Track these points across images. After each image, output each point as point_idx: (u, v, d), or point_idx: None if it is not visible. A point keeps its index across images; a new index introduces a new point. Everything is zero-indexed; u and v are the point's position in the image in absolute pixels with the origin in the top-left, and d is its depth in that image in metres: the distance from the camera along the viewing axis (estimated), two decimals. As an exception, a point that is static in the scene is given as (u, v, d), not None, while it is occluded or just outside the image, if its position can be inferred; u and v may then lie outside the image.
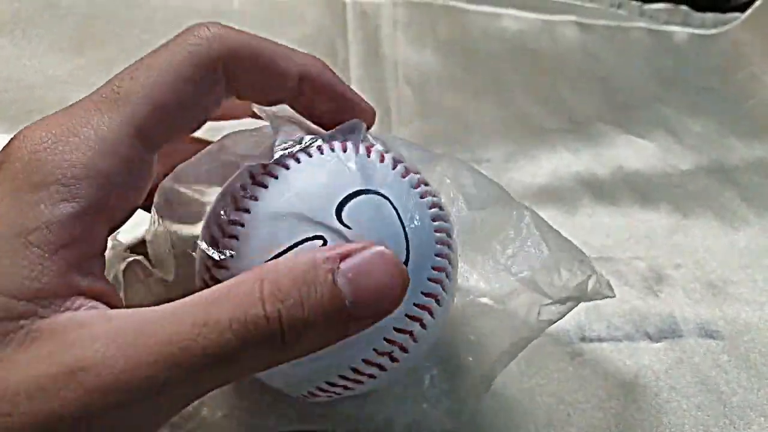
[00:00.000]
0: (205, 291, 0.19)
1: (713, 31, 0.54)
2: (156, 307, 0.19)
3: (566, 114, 0.46)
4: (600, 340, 0.35)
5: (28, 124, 0.20)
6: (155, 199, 0.24)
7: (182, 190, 0.24)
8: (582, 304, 0.35)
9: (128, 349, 0.18)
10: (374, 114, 0.27)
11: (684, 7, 0.55)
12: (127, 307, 0.20)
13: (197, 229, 0.25)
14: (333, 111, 0.26)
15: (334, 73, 0.26)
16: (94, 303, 0.19)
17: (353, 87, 0.45)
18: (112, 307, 0.20)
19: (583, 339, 0.35)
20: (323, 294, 0.19)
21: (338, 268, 0.19)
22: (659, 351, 0.35)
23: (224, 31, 0.23)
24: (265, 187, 0.22)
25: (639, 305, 0.36)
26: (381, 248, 0.20)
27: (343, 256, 0.20)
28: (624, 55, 0.51)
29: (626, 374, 0.33)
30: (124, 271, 0.26)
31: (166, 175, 0.24)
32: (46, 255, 0.19)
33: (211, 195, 0.25)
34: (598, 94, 0.48)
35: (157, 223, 0.24)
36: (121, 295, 0.25)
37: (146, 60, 0.22)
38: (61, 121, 0.20)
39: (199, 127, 0.24)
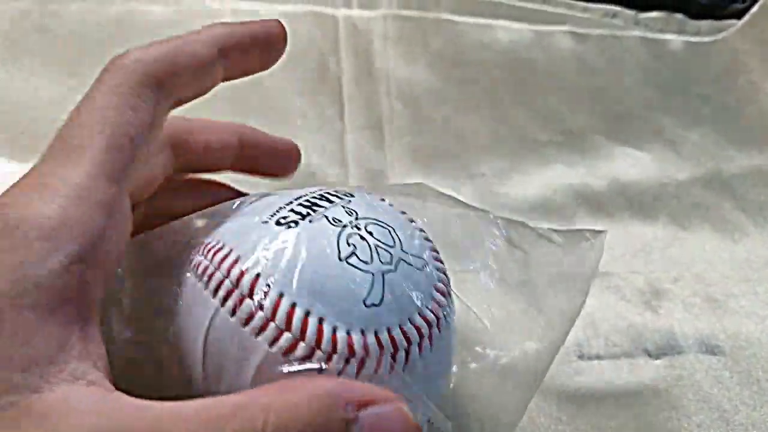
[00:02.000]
0: (209, 404, 0.18)
1: (709, 38, 0.54)
2: (152, 410, 0.18)
3: (560, 126, 0.46)
4: (599, 357, 0.34)
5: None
6: None
7: None
8: (579, 322, 0.35)
9: None
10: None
11: (679, 15, 0.55)
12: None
13: None
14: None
15: (244, 25, 0.26)
16: (92, 374, 0.18)
17: (345, 103, 0.46)
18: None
19: (581, 356, 0.34)
20: None
21: (356, 417, 0.18)
22: (659, 368, 0.34)
23: (140, 52, 0.23)
24: None
25: (637, 321, 0.35)
26: (402, 405, 0.19)
27: (364, 404, 0.18)
28: (619, 65, 0.51)
29: (625, 393, 0.33)
30: None
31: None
32: (40, 318, 0.18)
33: None
34: (592, 105, 0.48)
35: None
36: None
37: (84, 103, 0.22)
38: (28, 180, 0.20)
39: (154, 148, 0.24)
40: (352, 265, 0.21)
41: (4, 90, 0.44)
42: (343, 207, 0.23)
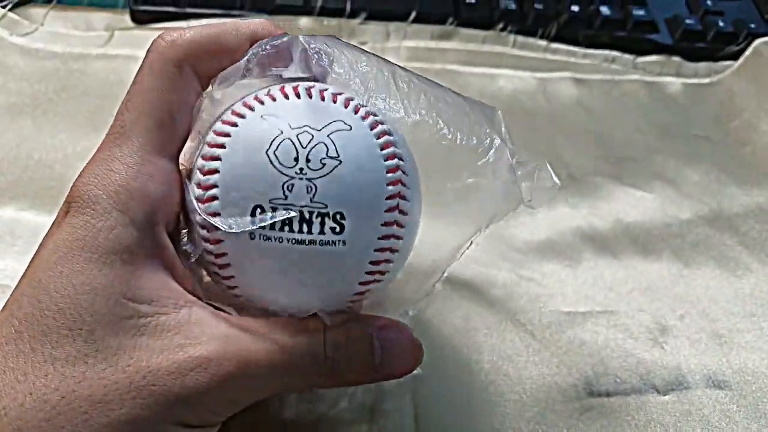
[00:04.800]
0: (284, 324, 0.26)
1: (707, 80, 0.55)
2: (250, 323, 0.25)
3: (564, 169, 0.47)
4: (608, 394, 0.35)
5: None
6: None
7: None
8: (588, 359, 0.36)
9: (238, 352, 0.24)
10: None
11: (676, 58, 0.57)
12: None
13: None
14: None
15: (280, 27, 0.29)
16: (199, 303, 0.25)
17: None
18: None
19: (591, 394, 0.35)
20: (365, 351, 0.26)
21: (377, 333, 0.27)
22: (667, 404, 0.35)
23: (177, 34, 0.27)
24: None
25: (645, 358, 0.36)
26: (407, 327, 0.28)
27: (382, 327, 0.27)
28: (619, 109, 0.52)
29: (635, 428, 0.34)
30: None
31: None
32: (138, 270, 0.24)
33: None
34: (594, 148, 0.49)
35: None
36: None
37: (133, 87, 0.26)
38: (96, 164, 0.25)
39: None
40: None
41: (32, 146, 0.46)
42: None
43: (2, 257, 0.39)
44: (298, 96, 0.26)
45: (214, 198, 0.25)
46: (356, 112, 0.26)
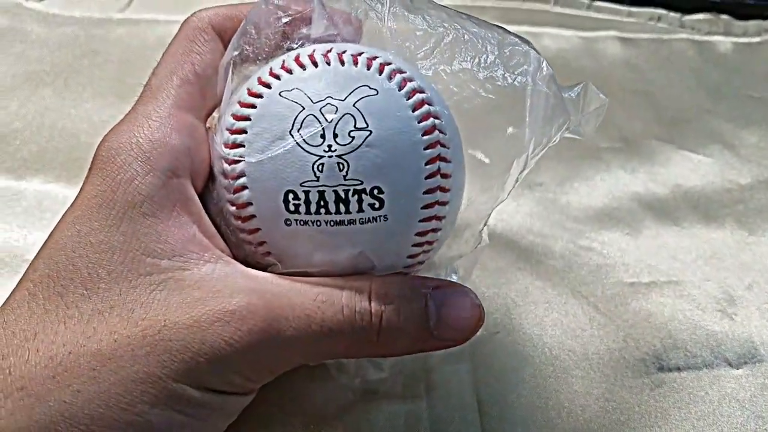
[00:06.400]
0: (324, 278, 0.23)
1: (757, 39, 0.53)
2: (284, 277, 0.23)
3: (617, 132, 0.45)
4: (679, 369, 0.33)
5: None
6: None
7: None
8: (656, 333, 0.34)
9: (267, 305, 0.22)
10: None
11: (725, 17, 0.54)
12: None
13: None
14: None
15: None
16: (226, 258, 0.23)
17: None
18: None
19: (661, 369, 0.33)
20: (416, 310, 0.23)
21: (431, 293, 0.24)
22: (741, 377, 0.33)
23: (205, 9, 0.27)
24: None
25: (715, 330, 0.35)
26: (467, 289, 0.25)
27: (436, 287, 0.24)
28: (669, 68, 0.50)
29: (709, 404, 0.32)
30: None
31: None
32: (162, 222, 0.23)
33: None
34: (646, 109, 0.47)
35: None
36: None
37: (162, 57, 0.27)
38: (122, 121, 0.25)
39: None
40: None
41: (55, 116, 0.44)
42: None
43: (31, 231, 0.37)
44: (315, 64, 0.24)
45: (243, 188, 0.23)
46: (381, 72, 0.24)
